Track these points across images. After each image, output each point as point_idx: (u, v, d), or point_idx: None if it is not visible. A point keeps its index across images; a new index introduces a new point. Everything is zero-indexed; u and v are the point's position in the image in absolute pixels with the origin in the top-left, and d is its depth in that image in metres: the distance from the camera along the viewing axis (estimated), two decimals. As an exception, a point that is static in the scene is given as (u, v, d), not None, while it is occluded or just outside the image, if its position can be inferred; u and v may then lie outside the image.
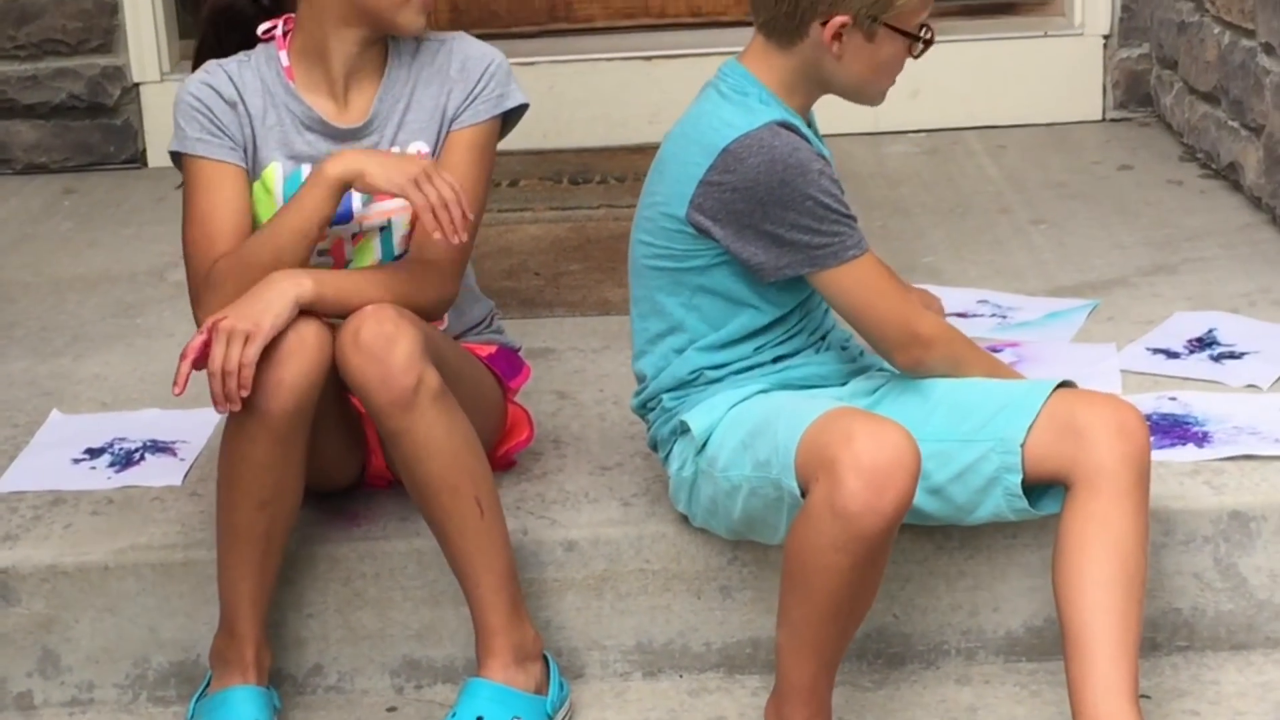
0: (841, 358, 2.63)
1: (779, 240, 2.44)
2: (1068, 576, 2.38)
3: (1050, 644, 2.67)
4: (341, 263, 2.68)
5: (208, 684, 2.60)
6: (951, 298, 3.31)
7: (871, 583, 2.38)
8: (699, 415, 2.53)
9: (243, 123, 2.63)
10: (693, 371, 2.56)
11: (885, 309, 2.49)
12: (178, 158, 2.65)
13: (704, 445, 2.52)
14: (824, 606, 2.35)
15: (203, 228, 2.58)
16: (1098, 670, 2.34)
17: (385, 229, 2.67)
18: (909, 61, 2.56)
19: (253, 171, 2.64)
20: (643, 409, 2.65)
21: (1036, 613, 2.68)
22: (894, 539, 2.34)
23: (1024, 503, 2.45)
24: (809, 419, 2.36)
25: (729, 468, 2.48)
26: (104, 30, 4.68)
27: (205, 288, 2.55)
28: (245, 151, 2.63)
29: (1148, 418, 2.82)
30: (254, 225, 2.62)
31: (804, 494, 2.34)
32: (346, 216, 2.65)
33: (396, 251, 2.68)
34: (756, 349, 2.56)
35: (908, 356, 2.52)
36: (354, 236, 2.67)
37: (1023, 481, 2.44)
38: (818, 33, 2.46)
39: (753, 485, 2.44)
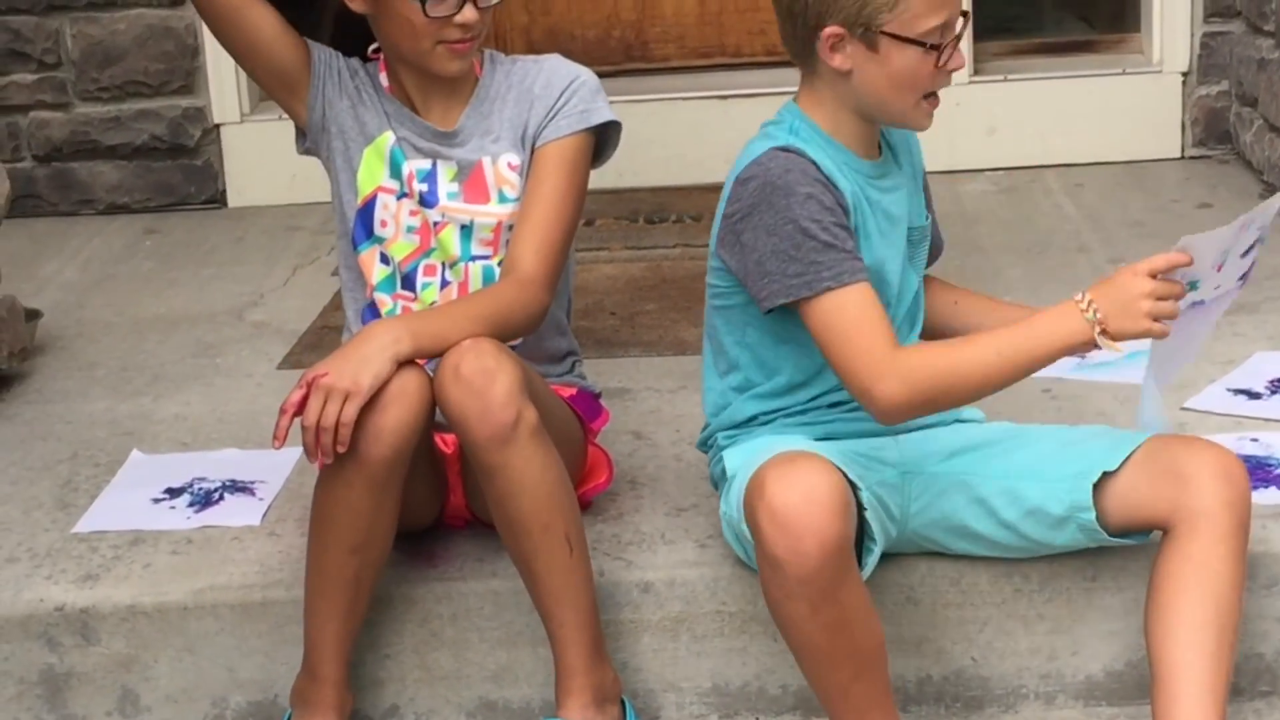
0: None
1: (761, 269, 2.38)
2: (1161, 617, 2.36)
3: (1130, 688, 2.65)
4: (428, 243, 2.72)
5: (287, 722, 2.61)
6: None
7: (850, 620, 2.31)
8: (736, 455, 2.52)
9: (350, 82, 2.72)
10: (749, 416, 2.55)
11: (851, 355, 2.35)
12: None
13: (732, 486, 2.51)
14: (815, 656, 2.33)
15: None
16: (1183, 711, 2.32)
17: (467, 226, 2.71)
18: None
19: (365, 136, 2.72)
20: (704, 447, 2.66)
21: (1116, 656, 2.65)
22: (848, 572, 2.27)
23: (1103, 534, 2.44)
24: (757, 464, 2.34)
25: (733, 508, 2.48)
26: (185, 72, 4.73)
27: None
28: (319, 79, 2.71)
29: (1229, 459, 2.81)
30: (357, 186, 2.73)
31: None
32: (433, 201, 2.71)
33: (474, 252, 2.72)
34: (812, 397, 2.53)
35: (871, 409, 2.37)
36: (436, 224, 2.71)
37: (1113, 526, 2.44)
38: (822, 53, 2.41)
39: (740, 530, 2.45)
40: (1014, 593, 2.64)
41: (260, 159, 4.74)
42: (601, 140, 2.75)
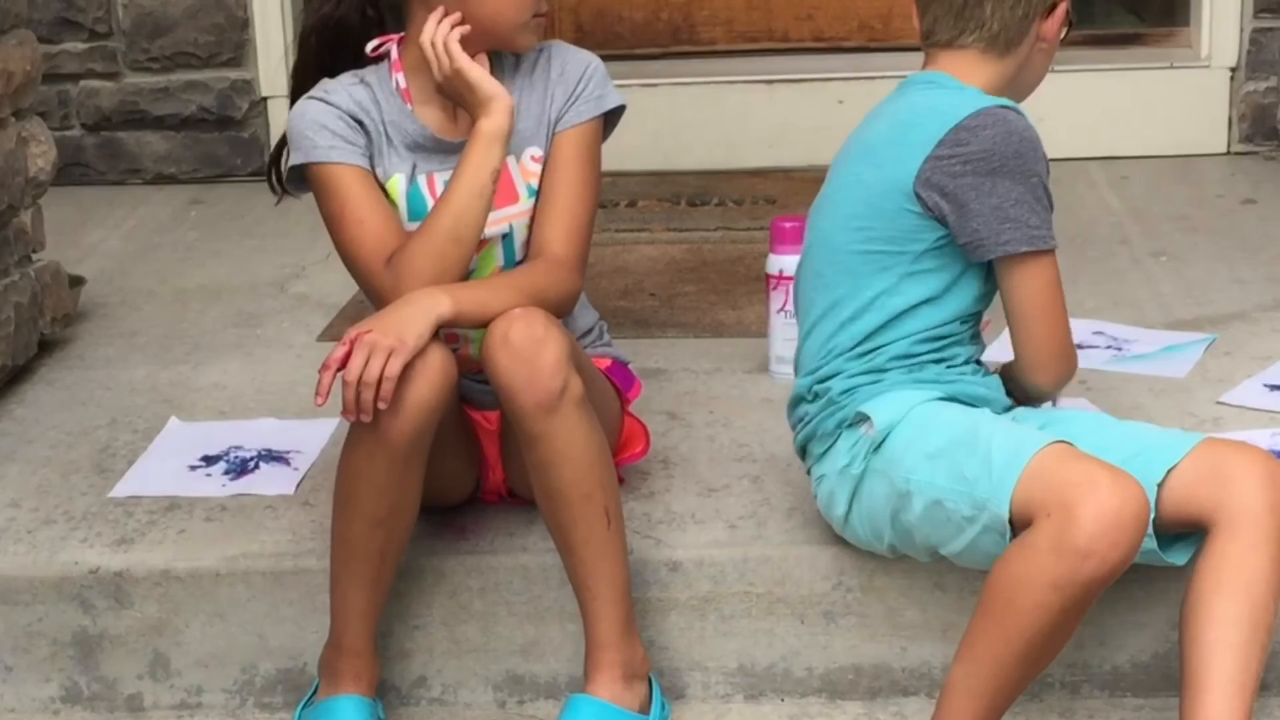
0: (999, 388, 2.61)
1: (1002, 214, 2.45)
2: (1195, 613, 2.37)
3: (1157, 680, 2.65)
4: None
5: (314, 692, 2.63)
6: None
7: (1067, 634, 2.34)
8: (882, 409, 2.49)
9: (368, 139, 2.65)
10: (887, 361, 2.53)
11: (1060, 317, 2.53)
12: (299, 174, 2.67)
13: (881, 442, 2.49)
14: (1018, 645, 2.31)
15: (364, 227, 2.59)
16: (1211, 704, 2.33)
17: (507, 235, 2.70)
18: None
19: (385, 175, 2.66)
20: (805, 399, 2.60)
21: (1143, 648, 2.66)
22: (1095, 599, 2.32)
23: (1153, 543, 2.43)
24: (1031, 449, 2.33)
25: (915, 471, 2.44)
26: (234, 44, 4.76)
27: (390, 277, 2.55)
28: (371, 163, 2.66)
29: (1263, 454, 2.81)
30: None
31: (1012, 523, 2.32)
32: None
33: (518, 256, 2.70)
34: (939, 346, 2.54)
35: (1060, 369, 2.56)
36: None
37: (1157, 523, 2.42)
38: (1037, 28, 2.56)
39: (943, 496, 2.40)
40: (1042, 582, 2.64)
41: (306, 133, 4.75)
42: (606, 122, 2.74)
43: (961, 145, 2.45)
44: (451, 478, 2.71)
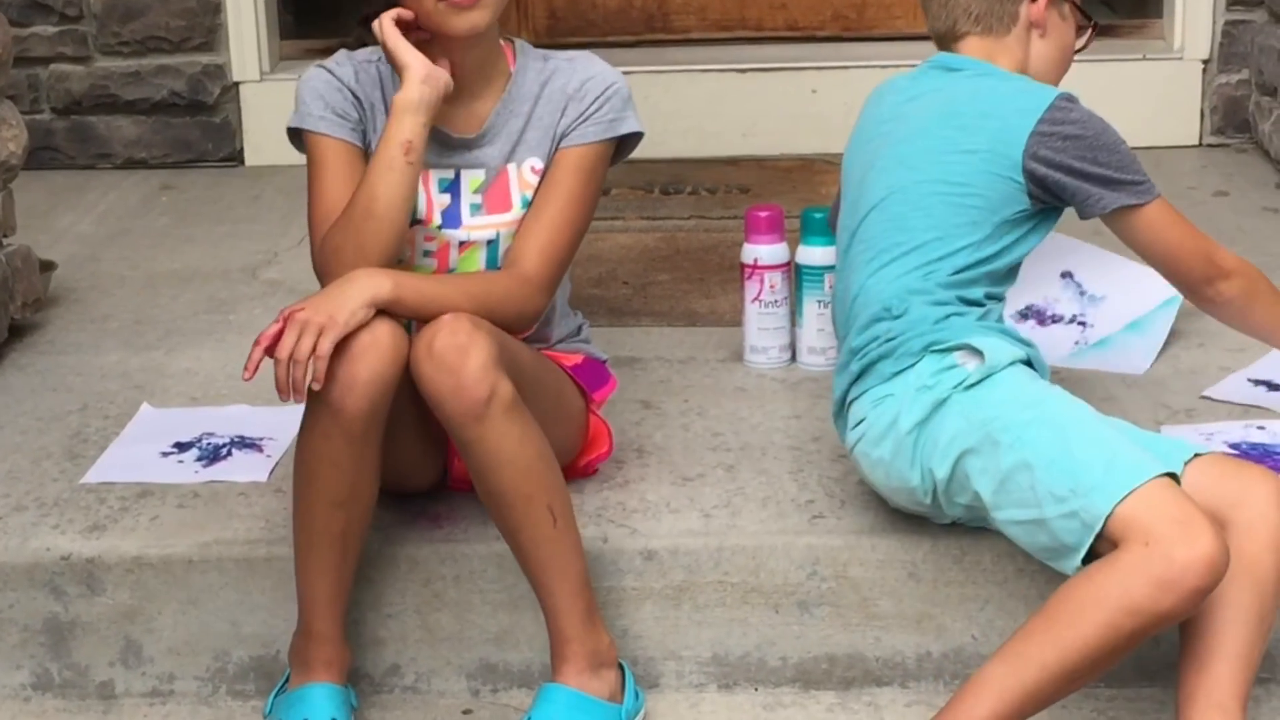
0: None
1: (1108, 180, 2.66)
2: (1209, 598, 2.38)
3: (1128, 672, 2.65)
4: (445, 268, 2.69)
5: (287, 680, 2.62)
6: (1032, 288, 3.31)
7: (1110, 664, 2.37)
8: (990, 350, 2.53)
9: (361, 114, 2.66)
10: (971, 305, 2.62)
11: (1193, 244, 2.75)
12: (296, 136, 2.69)
13: (976, 382, 2.51)
14: (1070, 656, 2.32)
15: (323, 200, 2.62)
16: (1218, 673, 2.38)
17: (493, 241, 2.68)
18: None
19: None
20: (884, 318, 2.61)
21: (1116, 639, 2.66)
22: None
23: None
24: (1156, 469, 2.36)
25: (1022, 428, 2.44)
26: (206, 29, 4.74)
27: (321, 254, 2.58)
28: (364, 139, 2.65)
29: (1236, 446, 2.82)
30: None
31: (1098, 536, 2.34)
32: (455, 223, 2.67)
33: (500, 264, 2.69)
34: (994, 307, 2.68)
35: (1211, 289, 2.77)
36: (461, 245, 2.68)
37: None
38: (1026, 12, 2.76)
39: (1041, 464, 2.40)
40: (1016, 572, 2.65)
41: (278, 118, 4.63)
42: (621, 144, 2.72)
43: (1057, 125, 2.64)
44: (413, 461, 2.70)
